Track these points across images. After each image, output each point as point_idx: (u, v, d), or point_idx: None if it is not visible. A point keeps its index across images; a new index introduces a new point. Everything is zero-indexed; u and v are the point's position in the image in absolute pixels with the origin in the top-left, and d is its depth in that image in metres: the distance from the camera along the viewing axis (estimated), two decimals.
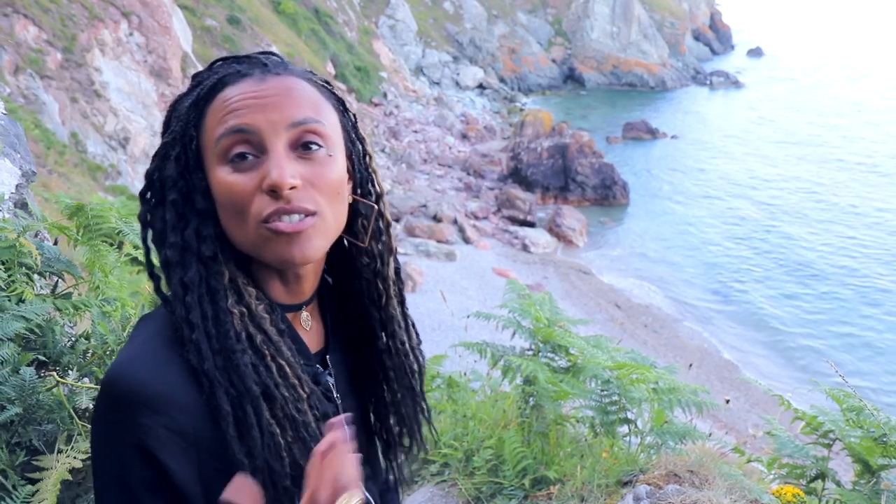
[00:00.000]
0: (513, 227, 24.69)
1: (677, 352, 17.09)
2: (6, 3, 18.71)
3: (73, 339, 1.84)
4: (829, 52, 63.33)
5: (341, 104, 1.08)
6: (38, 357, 1.70)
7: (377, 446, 1.26)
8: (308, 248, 0.97)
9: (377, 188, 1.14)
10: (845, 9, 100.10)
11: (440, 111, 37.56)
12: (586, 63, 48.53)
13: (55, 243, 2.19)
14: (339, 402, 1.12)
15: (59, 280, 1.99)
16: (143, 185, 1.02)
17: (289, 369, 0.99)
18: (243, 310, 0.98)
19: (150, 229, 1.01)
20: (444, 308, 15.23)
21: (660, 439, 3.00)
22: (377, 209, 1.13)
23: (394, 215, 22.75)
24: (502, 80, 46.05)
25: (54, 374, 1.58)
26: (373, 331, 1.18)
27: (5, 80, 16.88)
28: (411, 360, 1.20)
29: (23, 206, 2.27)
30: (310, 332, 1.11)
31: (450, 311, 13.97)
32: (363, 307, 1.18)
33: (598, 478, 2.81)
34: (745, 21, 77.93)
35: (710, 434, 3.18)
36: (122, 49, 20.59)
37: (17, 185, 2.30)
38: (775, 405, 2.94)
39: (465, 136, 34.72)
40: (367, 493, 1.16)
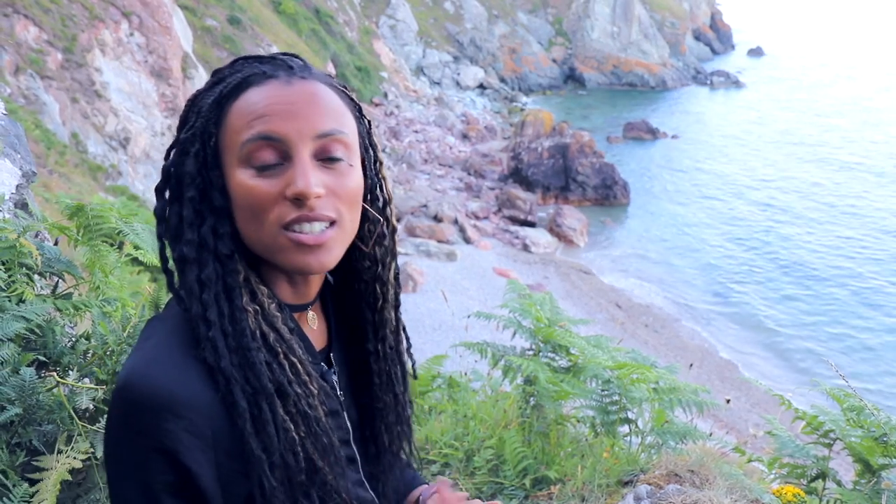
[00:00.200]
0: (513, 227, 24.69)
1: (678, 352, 17.09)
2: (6, 3, 18.72)
3: (74, 339, 1.84)
4: (829, 51, 63.33)
5: (358, 110, 1.09)
6: (39, 357, 1.70)
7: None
8: (326, 258, 0.99)
9: (385, 194, 1.15)
10: (846, 8, 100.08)
11: (441, 111, 37.56)
12: (587, 63, 48.52)
13: (55, 244, 2.19)
14: (342, 399, 1.13)
15: (60, 280, 1.99)
16: (160, 179, 1.02)
17: (300, 367, 1.01)
18: (257, 308, 0.99)
19: (166, 225, 1.01)
20: (445, 308, 15.23)
21: (660, 439, 3.00)
22: (386, 217, 1.15)
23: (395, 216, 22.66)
24: (503, 79, 46.05)
25: (54, 374, 1.58)
26: (364, 333, 1.19)
27: (6, 81, 16.88)
28: (397, 366, 1.21)
29: (23, 206, 2.27)
30: (314, 330, 1.12)
31: (450, 311, 13.98)
32: (358, 309, 1.19)
33: (598, 478, 2.81)
34: (746, 21, 77.94)
35: (711, 434, 3.19)
36: (123, 49, 20.60)
37: (17, 186, 2.31)
38: (776, 405, 2.94)
39: (465, 136, 34.72)
40: (372, 493, 1.17)
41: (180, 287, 0.99)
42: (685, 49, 52.90)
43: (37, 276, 1.89)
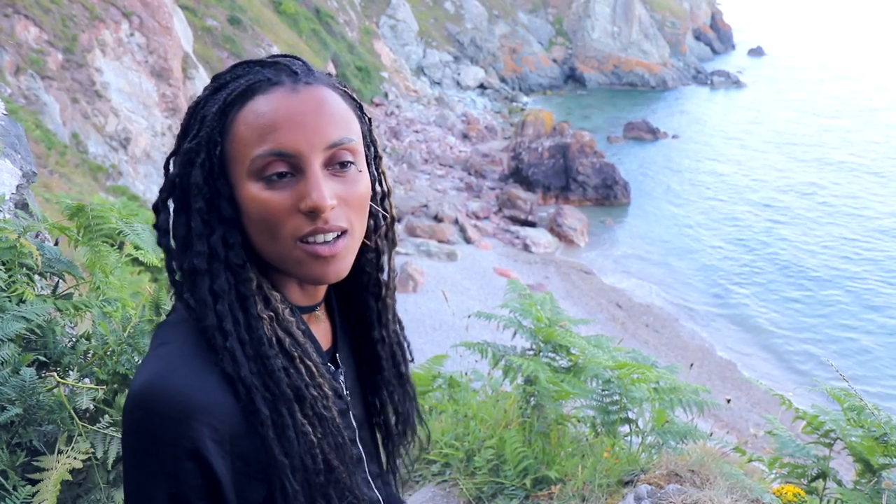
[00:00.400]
0: (514, 227, 24.69)
1: (678, 351, 17.09)
2: (7, 3, 18.72)
3: (74, 339, 1.84)
4: (829, 51, 63.30)
5: (360, 109, 1.09)
6: (39, 358, 1.70)
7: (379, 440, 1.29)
8: (342, 267, 1.00)
9: (385, 187, 1.18)
10: (846, 8, 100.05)
11: (441, 111, 37.55)
12: (587, 63, 48.51)
13: (56, 244, 2.19)
14: (348, 398, 1.14)
15: (60, 280, 1.99)
16: (165, 190, 1.01)
17: (315, 370, 1.02)
18: (271, 314, 1.00)
19: (173, 237, 1.00)
20: (446, 308, 15.24)
21: (661, 439, 3.00)
22: (385, 209, 1.17)
23: (393, 207, 22.65)
24: (503, 79, 46.04)
25: (55, 374, 1.58)
26: (369, 321, 1.21)
27: (6, 81, 16.88)
28: (398, 348, 1.25)
29: (23, 206, 2.27)
30: (320, 330, 1.14)
31: (451, 310, 13.99)
32: (362, 300, 1.21)
33: (599, 477, 2.81)
34: (746, 20, 77.91)
35: (712, 434, 3.18)
36: (123, 49, 20.60)
37: (17, 186, 2.31)
38: (776, 405, 2.94)
39: (466, 136, 34.71)
40: (377, 492, 1.17)
41: (191, 298, 0.98)
42: (685, 49, 52.89)
43: (37, 277, 1.89)
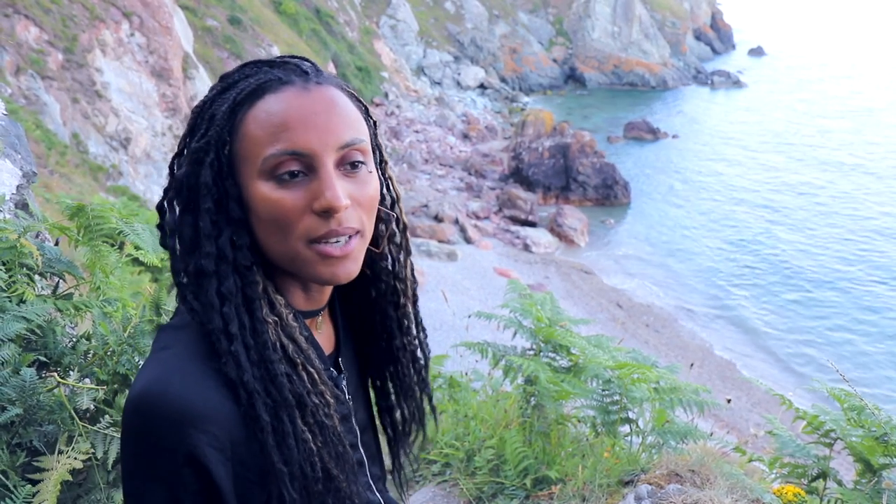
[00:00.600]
0: (514, 227, 24.68)
1: (679, 351, 17.08)
2: (7, 3, 18.72)
3: (74, 339, 1.84)
4: (830, 51, 63.28)
5: (367, 112, 1.09)
6: (39, 358, 1.70)
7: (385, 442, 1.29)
8: (353, 268, 0.99)
9: (393, 192, 1.17)
10: (846, 7, 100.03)
11: (441, 111, 37.55)
12: (587, 63, 48.50)
13: (56, 244, 2.19)
14: (350, 402, 1.13)
15: (60, 281, 1.99)
16: (171, 190, 1.00)
17: (317, 377, 1.01)
18: (276, 319, 0.99)
19: (179, 237, 0.99)
20: (446, 308, 15.22)
21: (661, 439, 3.00)
22: (395, 214, 1.17)
23: (403, 213, 22.71)
24: (503, 79, 46.03)
25: (55, 374, 1.58)
26: (390, 331, 1.21)
27: (6, 81, 16.88)
28: (419, 355, 1.25)
29: (24, 206, 2.27)
30: (323, 336, 1.13)
31: (451, 310, 13.96)
32: (380, 309, 1.20)
33: (599, 477, 2.81)
34: (747, 20, 77.90)
35: (712, 433, 3.19)
36: (124, 49, 20.60)
37: (17, 186, 2.31)
38: (777, 405, 2.95)
39: (466, 136, 34.71)
40: (378, 494, 1.17)
41: (197, 300, 0.97)
42: (686, 49, 52.88)
43: (37, 277, 1.89)
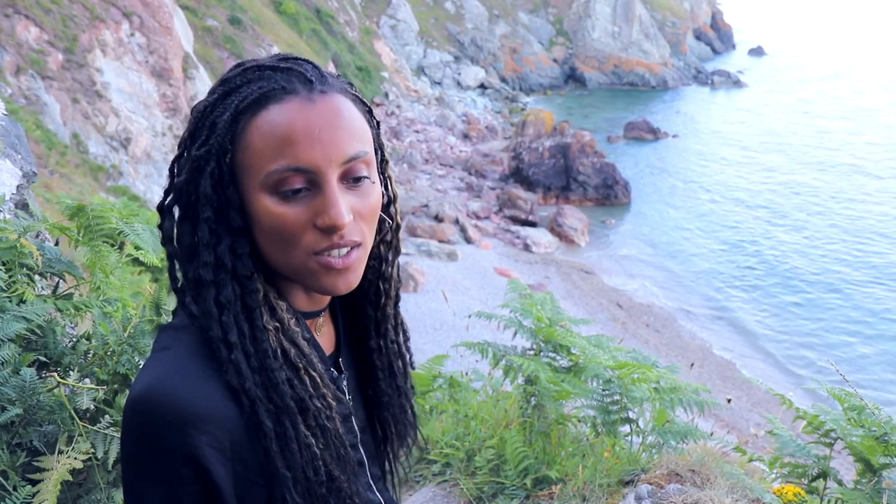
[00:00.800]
0: (514, 227, 24.68)
1: (679, 351, 17.08)
2: (7, 3, 18.72)
3: (74, 339, 1.84)
4: (830, 50, 63.26)
5: (370, 113, 1.07)
6: (39, 358, 1.70)
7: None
8: (353, 278, 0.99)
9: (391, 192, 1.15)
10: (847, 7, 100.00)
11: (441, 111, 37.55)
12: (588, 63, 48.50)
13: (56, 244, 2.19)
14: (350, 403, 1.13)
15: (61, 281, 1.99)
16: (170, 196, 0.99)
17: (319, 380, 1.01)
18: (277, 325, 0.99)
19: (177, 244, 0.99)
20: (446, 308, 15.23)
21: (661, 439, 3.00)
22: (391, 215, 1.15)
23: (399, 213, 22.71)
24: (504, 79, 46.03)
25: (55, 374, 1.58)
26: (366, 330, 1.20)
27: (7, 81, 16.88)
28: (398, 360, 1.23)
29: (24, 206, 2.27)
30: (324, 336, 1.13)
31: (451, 310, 13.98)
32: (360, 306, 1.19)
33: (599, 477, 2.81)
34: (747, 20, 77.88)
35: (712, 433, 3.19)
36: (124, 49, 20.60)
37: (18, 186, 2.31)
38: (777, 405, 2.94)
39: (466, 136, 34.71)
40: (379, 495, 1.17)
41: (194, 306, 0.97)
42: (686, 49, 52.88)
43: (37, 277, 1.89)
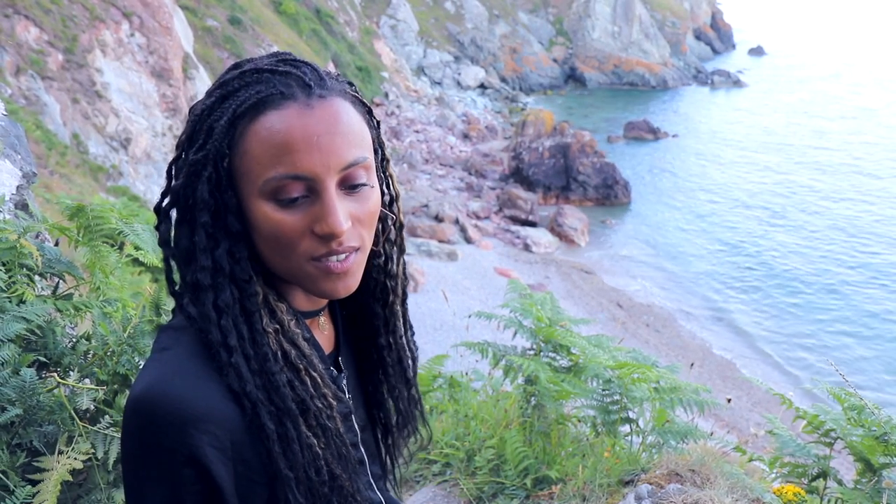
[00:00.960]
0: (514, 227, 24.67)
1: (679, 351, 17.07)
2: (7, 3, 18.72)
3: (74, 340, 1.84)
4: (830, 50, 63.25)
5: (370, 114, 1.07)
6: (39, 358, 1.70)
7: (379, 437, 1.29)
8: (352, 282, 1.00)
9: (393, 190, 1.16)
10: (847, 7, 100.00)
11: (441, 111, 37.55)
12: (588, 62, 48.50)
13: (56, 244, 2.19)
14: (350, 401, 1.13)
15: (60, 281, 1.99)
16: (167, 200, 0.99)
17: (320, 381, 1.01)
18: (277, 327, 0.99)
19: (175, 248, 0.99)
20: (446, 308, 15.23)
21: (661, 438, 3.00)
22: (393, 213, 1.16)
23: (401, 211, 22.71)
24: (504, 79, 46.03)
25: (55, 375, 1.58)
26: (375, 328, 1.20)
27: (6, 81, 16.88)
28: (407, 354, 1.24)
29: (24, 207, 2.27)
30: (323, 335, 1.13)
31: (451, 310, 13.98)
32: (367, 305, 1.19)
33: (599, 477, 2.81)
34: (747, 20, 77.88)
35: (712, 433, 3.19)
36: (124, 50, 20.60)
37: (17, 187, 2.31)
38: (777, 404, 2.94)
39: (466, 136, 34.70)
40: (379, 493, 1.17)
41: (192, 309, 0.97)
42: (686, 48, 52.88)
43: (37, 277, 1.89)
